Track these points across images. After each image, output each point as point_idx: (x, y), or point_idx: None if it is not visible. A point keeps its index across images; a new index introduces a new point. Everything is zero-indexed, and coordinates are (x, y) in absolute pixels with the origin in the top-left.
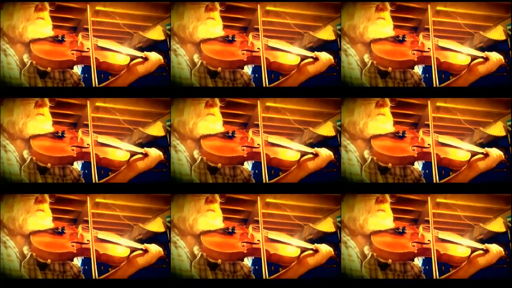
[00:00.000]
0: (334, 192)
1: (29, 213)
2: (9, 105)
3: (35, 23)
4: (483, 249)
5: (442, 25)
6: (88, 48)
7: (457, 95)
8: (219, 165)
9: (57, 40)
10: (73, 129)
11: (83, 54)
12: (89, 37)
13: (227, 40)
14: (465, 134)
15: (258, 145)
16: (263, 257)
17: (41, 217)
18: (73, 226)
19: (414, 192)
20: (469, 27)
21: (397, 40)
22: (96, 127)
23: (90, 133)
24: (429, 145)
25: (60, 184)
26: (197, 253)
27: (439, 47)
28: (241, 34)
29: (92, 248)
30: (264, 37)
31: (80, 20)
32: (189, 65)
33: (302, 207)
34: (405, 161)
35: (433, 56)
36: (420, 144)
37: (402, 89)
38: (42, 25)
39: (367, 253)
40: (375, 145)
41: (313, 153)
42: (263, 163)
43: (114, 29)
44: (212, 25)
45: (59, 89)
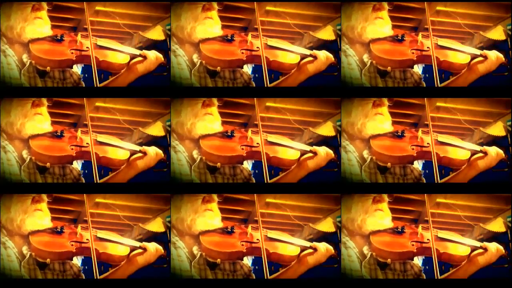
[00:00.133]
0: (334, 192)
1: (27, 213)
2: (7, 106)
3: (33, 23)
4: (483, 248)
5: (442, 25)
6: (87, 47)
7: (457, 95)
8: (218, 165)
9: (56, 39)
10: (72, 129)
11: (83, 53)
12: (88, 36)
13: (226, 39)
14: (465, 134)
15: (257, 144)
16: (264, 256)
17: (39, 216)
18: (73, 225)
19: (414, 192)
20: (469, 27)
21: (396, 39)
22: (96, 127)
23: (89, 132)
24: (428, 144)
25: (60, 184)
26: (197, 253)
27: (439, 46)
28: (241, 33)
29: (92, 247)
30: (263, 36)
31: (80, 20)
32: (189, 65)
33: (302, 207)
34: (405, 160)
35: (433, 55)
36: (419, 143)
37: (401, 89)
38: (40, 25)
39: (367, 253)
40: (374, 145)
41: (312, 152)
42: (264, 162)
43: (114, 29)
44: (210, 25)
45: (59, 89)
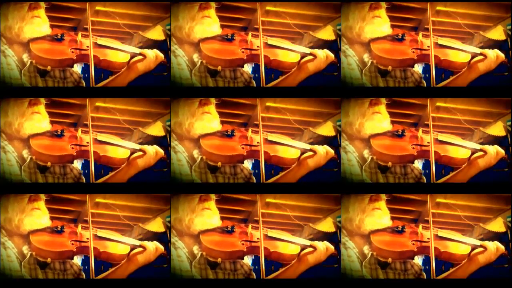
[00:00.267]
0: (334, 192)
1: (24, 212)
2: (5, 105)
3: (31, 22)
4: (483, 246)
5: (442, 25)
6: (87, 46)
7: (457, 95)
8: (219, 164)
9: (56, 39)
10: (72, 128)
11: (83, 52)
12: (88, 35)
13: (226, 39)
14: (465, 134)
15: (258, 143)
16: (261, 255)
17: (38, 216)
18: (73, 224)
19: (414, 192)
20: (469, 27)
21: (396, 39)
22: (96, 127)
23: (89, 132)
24: (428, 143)
25: (59, 184)
26: (197, 252)
27: (439, 45)
28: (241, 32)
29: (90, 246)
30: (263, 36)
31: (80, 20)
32: (189, 65)
33: (302, 207)
34: (405, 159)
35: (431, 54)
36: (419, 142)
37: (401, 89)
38: (38, 24)
39: (367, 253)
40: (374, 144)
41: (312, 150)
42: (261, 161)
43: (114, 29)
44: (208, 24)
45: (58, 89)
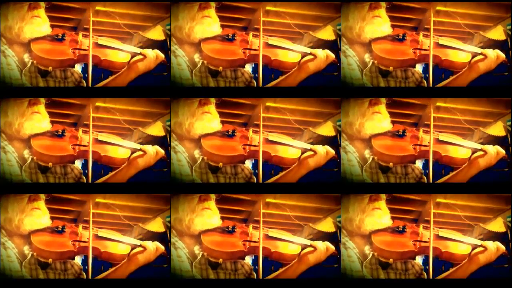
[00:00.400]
0: (334, 192)
1: (24, 212)
2: (5, 106)
3: (31, 22)
4: (483, 246)
5: (442, 25)
6: (88, 46)
7: (457, 95)
8: (220, 164)
9: (57, 39)
10: (73, 128)
11: (84, 52)
12: (89, 35)
13: (227, 39)
14: (465, 134)
15: (258, 143)
16: (260, 255)
17: (38, 216)
18: (73, 224)
19: (414, 192)
20: (469, 27)
21: (397, 39)
22: (96, 127)
23: (89, 132)
24: (429, 143)
25: (59, 184)
26: (198, 253)
27: (440, 45)
28: (241, 32)
29: (89, 246)
30: (264, 35)
31: (80, 20)
32: (189, 65)
33: (302, 207)
34: (406, 159)
35: (430, 54)
36: (420, 142)
37: (401, 89)
38: (38, 24)
39: (368, 253)
40: (375, 144)
41: (312, 150)
42: (259, 161)
43: (114, 29)
44: (208, 24)
45: (58, 89)
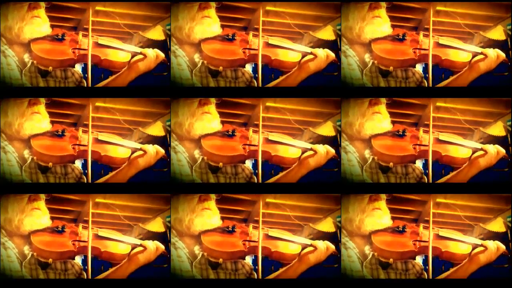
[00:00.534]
0: (334, 192)
1: (24, 213)
2: (5, 106)
3: (31, 23)
4: (484, 246)
5: (442, 25)
6: (88, 46)
7: (457, 95)
8: (220, 164)
9: (57, 38)
10: (73, 128)
11: (84, 52)
12: (88, 35)
13: (227, 38)
14: (465, 134)
15: (258, 143)
16: (259, 255)
17: (38, 216)
18: (73, 224)
19: (414, 192)
20: (469, 27)
21: (397, 39)
22: (96, 127)
23: (89, 132)
24: (429, 143)
25: (60, 184)
26: (198, 253)
27: (440, 44)
28: (241, 32)
29: (89, 246)
30: (265, 35)
31: (80, 20)
32: (189, 65)
33: (302, 207)
34: (406, 159)
35: (430, 54)
36: (420, 142)
37: (401, 89)
38: (38, 24)
39: (368, 253)
40: (375, 144)
41: (312, 150)
42: (259, 161)
43: (114, 29)
44: (208, 24)
45: (59, 89)
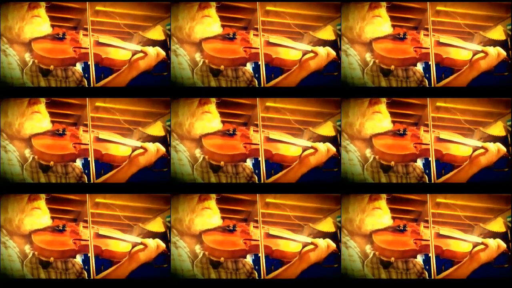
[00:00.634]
0: (334, 192)
1: (24, 212)
2: (5, 105)
3: (31, 22)
4: (484, 244)
5: (442, 25)
6: (89, 44)
7: (457, 95)
8: (222, 163)
9: (58, 38)
10: (73, 127)
11: (85, 50)
12: (89, 34)
13: (228, 38)
14: (465, 134)
15: (259, 142)
16: (261, 253)
17: (38, 215)
18: (74, 223)
19: (415, 192)
20: (469, 27)
21: (398, 38)
22: (96, 127)
23: (89, 131)
24: (430, 142)
25: (60, 184)
26: (199, 252)
27: (441, 43)
28: (242, 31)
29: (90, 244)
30: (265, 34)
31: (80, 20)
32: (190, 64)
33: (302, 207)
34: (407, 158)
35: (431, 54)
36: (421, 141)
37: (401, 89)
38: (38, 24)
39: (369, 252)
40: (376, 144)
41: (313, 148)
42: (262, 160)
43: (114, 29)
44: (208, 24)
45: (59, 89)
